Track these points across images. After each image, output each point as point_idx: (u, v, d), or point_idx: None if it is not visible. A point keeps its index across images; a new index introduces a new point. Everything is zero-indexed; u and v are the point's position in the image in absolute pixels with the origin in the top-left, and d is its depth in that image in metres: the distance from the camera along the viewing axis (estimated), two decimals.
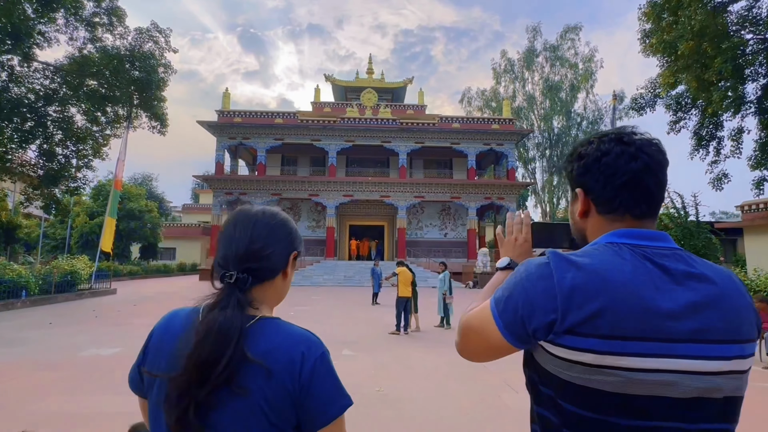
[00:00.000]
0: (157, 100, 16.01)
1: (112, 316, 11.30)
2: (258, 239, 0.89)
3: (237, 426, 0.77)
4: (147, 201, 31.51)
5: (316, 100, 33.66)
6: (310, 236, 29.54)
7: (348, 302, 15.22)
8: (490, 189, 27.89)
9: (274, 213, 0.96)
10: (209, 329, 0.78)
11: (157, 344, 0.86)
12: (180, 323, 0.86)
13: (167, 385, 0.78)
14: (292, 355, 0.82)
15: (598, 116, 40.23)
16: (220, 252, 0.90)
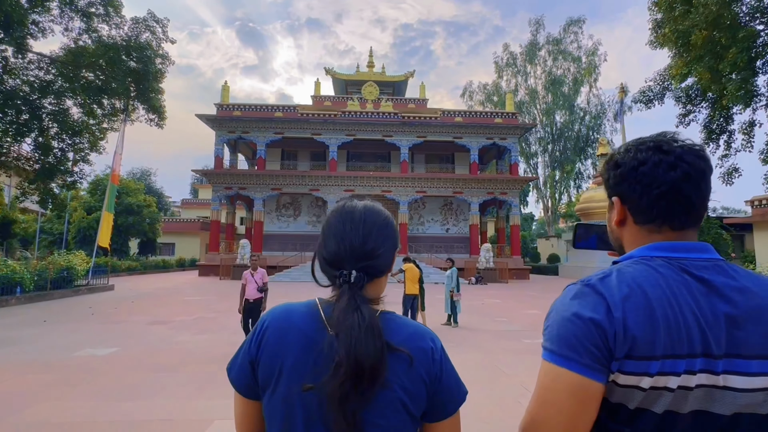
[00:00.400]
0: (154, 91, 15.61)
1: (109, 313, 10.97)
2: (371, 238, 0.88)
3: (380, 419, 0.77)
4: (145, 196, 31.13)
5: (317, 93, 33.25)
6: (311, 232, 29.21)
7: None
8: (492, 184, 27.55)
9: (380, 210, 0.94)
10: (363, 332, 0.77)
11: (277, 340, 0.83)
12: (302, 319, 0.84)
13: (325, 386, 0.75)
14: (423, 346, 0.83)
15: (601, 110, 39.84)
16: (329, 249, 0.88)
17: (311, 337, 0.81)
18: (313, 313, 0.85)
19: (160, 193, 49.50)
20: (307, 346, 0.81)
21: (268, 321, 0.86)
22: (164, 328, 8.88)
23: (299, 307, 0.87)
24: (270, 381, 0.81)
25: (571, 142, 39.26)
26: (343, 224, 0.88)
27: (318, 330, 0.81)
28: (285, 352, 0.81)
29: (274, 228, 29.17)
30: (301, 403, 0.78)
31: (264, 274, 6.87)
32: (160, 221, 31.35)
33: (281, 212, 29.58)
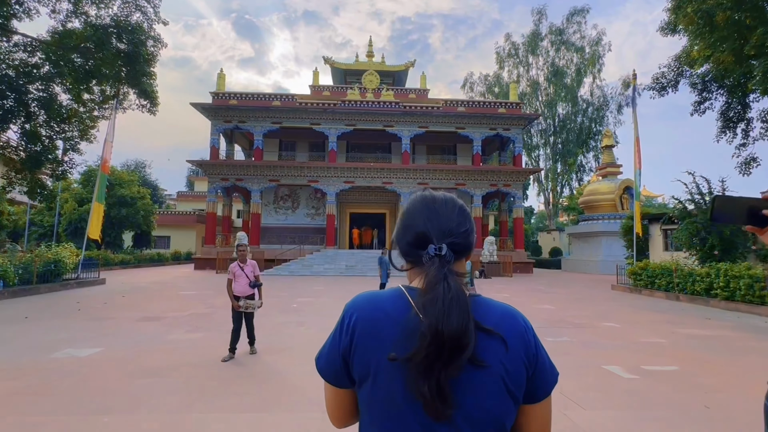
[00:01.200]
0: (145, 75, 14.78)
1: (98, 309, 10.26)
2: (456, 216, 0.91)
3: (482, 402, 0.77)
4: (139, 187, 30.28)
5: (315, 83, 32.40)
6: (309, 224, 28.53)
7: (353, 293, 14.24)
8: (496, 175, 26.89)
9: (457, 198, 0.98)
10: (448, 301, 0.76)
11: (370, 330, 0.83)
12: (392, 307, 0.84)
13: (413, 357, 0.75)
14: (518, 327, 0.84)
15: (604, 102, 39.16)
16: (416, 230, 0.89)
17: (404, 325, 0.80)
18: (401, 300, 0.84)
19: (155, 186, 48.45)
20: (401, 333, 0.79)
21: (355, 312, 0.86)
22: (155, 326, 8.20)
23: (385, 295, 0.87)
24: (368, 372, 0.80)
25: (574, 134, 38.62)
26: (428, 207, 0.91)
27: (410, 318, 0.79)
28: (380, 343, 0.81)
29: (272, 221, 28.44)
30: (402, 392, 0.77)
31: (255, 267, 5.93)
32: (154, 213, 30.55)
33: (279, 204, 28.84)
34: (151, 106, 16.06)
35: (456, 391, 0.75)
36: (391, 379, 0.78)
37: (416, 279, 0.88)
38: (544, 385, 0.84)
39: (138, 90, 15.15)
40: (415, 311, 0.80)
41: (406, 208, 0.95)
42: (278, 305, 11.12)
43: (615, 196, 27.38)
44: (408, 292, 0.85)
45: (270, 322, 8.63)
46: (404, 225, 0.92)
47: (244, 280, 5.79)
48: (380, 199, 28.98)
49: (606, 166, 29.26)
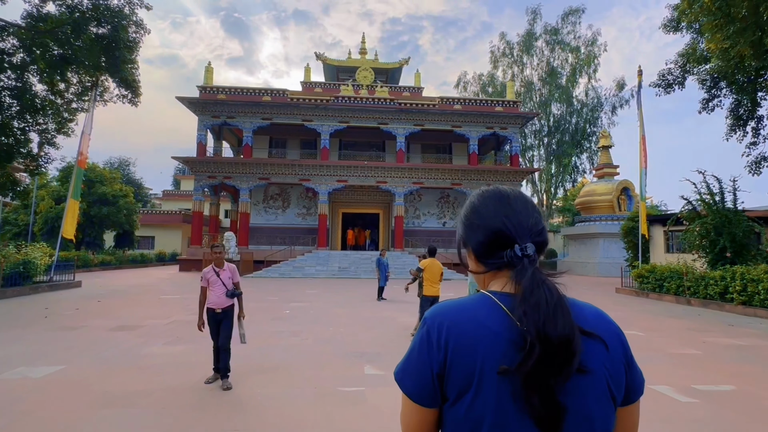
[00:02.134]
0: (126, 62, 13.71)
1: (67, 316, 9.23)
2: (537, 216, 0.87)
3: (589, 408, 0.74)
4: (122, 185, 28.96)
5: (306, 80, 31.45)
6: (300, 225, 27.56)
7: (349, 297, 13.39)
8: (493, 175, 26.25)
9: (525, 193, 0.94)
10: (552, 307, 0.73)
11: (466, 344, 0.76)
12: (486, 315, 0.78)
13: (521, 369, 0.70)
14: (613, 327, 0.82)
15: (598, 103, 38.88)
16: (492, 228, 0.84)
17: (504, 335, 0.75)
18: (494, 308, 0.78)
19: (139, 185, 46.98)
20: (503, 345, 0.74)
21: (444, 324, 0.78)
22: (130, 336, 7.24)
23: (472, 303, 0.80)
24: (467, 389, 0.74)
25: (569, 134, 38.24)
26: (503, 203, 0.87)
27: (510, 328, 0.75)
28: (480, 357, 0.74)
29: (261, 220, 27.40)
30: (512, 407, 0.72)
31: (234, 272, 4.79)
32: (137, 213, 29.24)
33: (269, 204, 27.81)
34: (133, 96, 14.98)
35: (564, 400, 0.71)
36: (496, 394, 0.72)
37: (497, 283, 0.84)
38: (639, 387, 0.83)
39: (118, 78, 14.05)
40: (513, 319, 0.75)
41: (473, 205, 0.90)
42: (269, 311, 10.21)
43: (613, 197, 26.96)
44: (498, 298, 0.79)
45: (260, 331, 7.73)
46: (475, 224, 0.87)
47: (220, 289, 4.63)
48: (374, 199, 28.15)
49: (603, 167, 28.85)
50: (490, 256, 0.84)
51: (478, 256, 0.87)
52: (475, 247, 0.86)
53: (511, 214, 0.84)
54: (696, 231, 13.82)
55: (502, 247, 0.82)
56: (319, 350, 6.46)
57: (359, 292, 14.78)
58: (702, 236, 13.73)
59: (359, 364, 5.73)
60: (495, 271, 0.84)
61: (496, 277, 0.84)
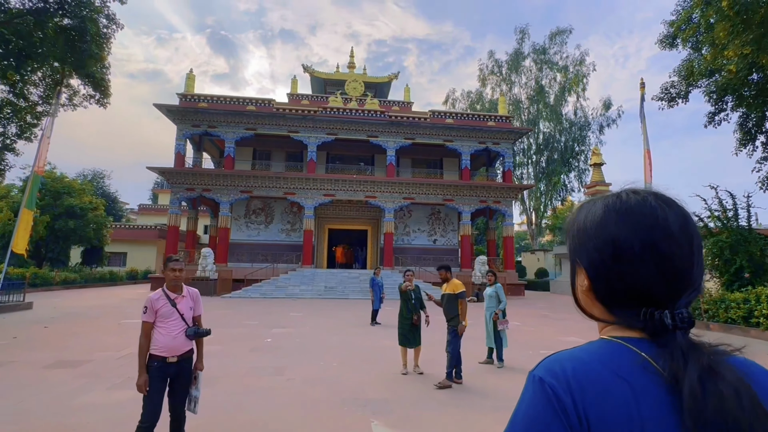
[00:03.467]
0: (92, 57, 12.32)
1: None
2: (700, 255, 0.64)
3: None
4: (92, 197, 27.00)
5: (293, 91, 30.45)
6: (284, 241, 26.01)
7: (339, 321, 11.96)
8: (486, 191, 25.37)
9: (686, 208, 0.67)
10: (747, 419, 0.53)
11: (613, 411, 0.56)
12: (630, 371, 0.58)
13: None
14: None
15: (585, 123, 38.90)
16: (639, 275, 0.62)
17: (662, 399, 0.56)
18: (639, 365, 0.59)
19: (114, 198, 44.62)
20: (662, 411, 0.56)
21: (575, 383, 0.57)
22: (68, 376, 5.72)
23: (603, 353, 0.61)
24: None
25: (558, 153, 38.01)
26: (655, 232, 0.62)
27: (667, 391, 0.56)
28: (634, 428, 0.55)
29: (243, 236, 25.77)
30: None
31: (197, 300, 3.27)
32: (107, 227, 27.22)
33: (251, 219, 26.24)
34: (102, 97, 13.55)
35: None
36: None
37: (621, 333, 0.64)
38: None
39: (84, 75, 12.62)
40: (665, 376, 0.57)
41: (602, 224, 0.65)
42: (247, 339, 8.73)
43: None
44: (637, 347, 0.60)
45: (235, 367, 6.30)
46: (610, 262, 0.63)
47: (177, 325, 3.06)
48: (362, 215, 26.89)
49: (595, 185, 28.29)
50: (621, 310, 0.63)
51: (604, 302, 0.65)
52: (599, 289, 0.64)
53: (668, 255, 0.60)
54: (708, 250, 12.99)
55: (643, 302, 0.61)
56: (310, 396, 5.08)
57: (350, 315, 13.35)
58: (715, 255, 12.89)
59: (363, 418, 4.38)
60: (625, 328, 0.64)
61: (624, 331, 0.64)
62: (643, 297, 0.61)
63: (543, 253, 37.16)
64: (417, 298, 6.33)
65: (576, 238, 0.69)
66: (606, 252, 0.63)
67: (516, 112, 39.88)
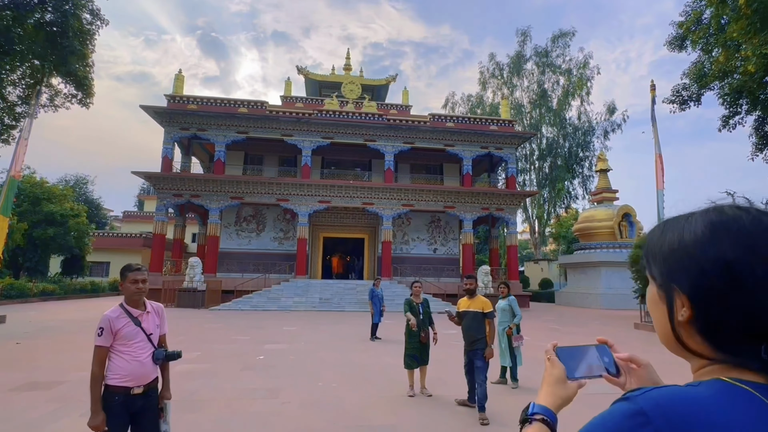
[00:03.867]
0: (76, 54, 12.01)
1: None
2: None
3: None
4: (74, 203, 26.52)
5: (287, 93, 30.29)
6: (276, 250, 25.62)
7: (336, 336, 11.58)
8: (489, 198, 25.15)
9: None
10: None
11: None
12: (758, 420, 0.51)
13: None
14: None
15: (589, 128, 38.96)
16: (746, 296, 0.55)
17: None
18: (760, 407, 0.52)
19: (98, 204, 44.01)
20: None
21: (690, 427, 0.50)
22: (39, 399, 5.32)
23: (729, 402, 0.53)
24: None
25: (562, 159, 37.98)
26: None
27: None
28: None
29: (233, 245, 25.35)
30: None
31: (162, 316, 2.87)
32: (89, 234, 26.70)
33: (242, 226, 25.84)
34: (84, 96, 13.22)
35: None
36: None
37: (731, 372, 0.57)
38: None
39: (65, 73, 12.30)
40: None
41: (721, 249, 0.56)
42: (238, 357, 8.34)
43: (614, 224, 26.17)
44: (760, 392, 0.53)
45: (226, 388, 5.92)
46: (723, 289, 0.56)
47: (142, 349, 2.64)
48: (358, 223, 26.58)
49: (601, 191, 28.24)
50: (736, 342, 0.56)
51: (709, 336, 0.58)
52: (705, 320, 0.57)
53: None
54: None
55: (763, 338, 0.54)
56: (309, 422, 4.71)
57: (347, 329, 12.96)
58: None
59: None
60: (733, 366, 0.57)
61: (734, 371, 0.57)
62: (764, 332, 0.54)
63: (547, 263, 36.94)
64: (425, 313, 6.00)
65: (670, 260, 0.61)
66: (717, 277, 0.56)
67: (518, 116, 39.91)
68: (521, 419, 0.79)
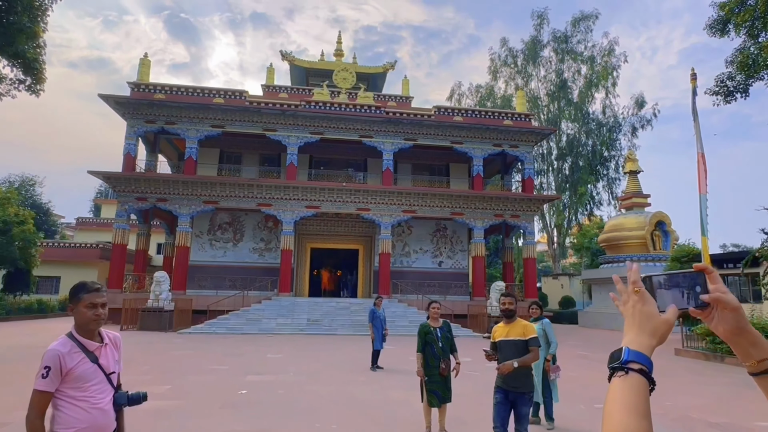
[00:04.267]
0: (25, 33, 11.74)
1: None
2: None
3: None
4: (19, 208, 26.04)
5: (269, 82, 30.12)
6: (256, 263, 25.29)
7: (331, 366, 11.27)
8: (502, 203, 25.04)
9: None
10: None
11: None
12: None
13: None
14: None
15: (615, 123, 39.10)
16: None
17: None
18: None
19: (46, 210, 43.40)
20: None
21: None
22: None
23: None
24: None
25: (584, 159, 38.04)
26: None
27: None
28: None
29: (206, 257, 24.97)
30: None
31: (120, 346, 2.59)
32: (36, 245, 26.20)
33: (216, 235, 25.49)
34: (34, 82, 12.93)
35: None
36: None
37: None
38: None
39: (12, 54, 12.00)
40: None
41: None
42: (216, 390, 8.02)
43: (646, 233, 26.13)
44: None
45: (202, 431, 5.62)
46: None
47: (102, 392, 2.36)
48: (351, 231, 26.33)
49: (631, 196, 28.23)
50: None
51: None
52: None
53: None
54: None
55: None
56: None
57: (342, 357, 12.67)
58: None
59: None
60: None
61: None
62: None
63: (568, 278, 36.84)
64: (445, 339, 5.75)
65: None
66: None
67: (534, 110, 40.01)
68: (612, 366, 0.78)
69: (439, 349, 5.69)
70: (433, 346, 5.71)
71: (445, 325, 5.89)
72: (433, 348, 5.70)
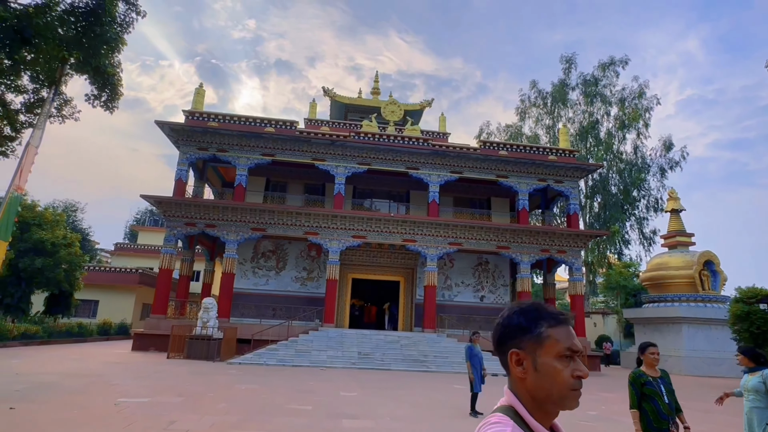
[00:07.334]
0: (110, 44, 10.88)
1: None
2: None
3: None
4: (66, 231, 25.02)
5: (312, 116, 29.58)
6: (298, 292, 23.85)
7: (422, 409, 9.64)
8: (549, 238, 23.53)
9: None
10: None
11: None
12: None
13: None
14: None
15: (644, 164, 37.78)
16: None
17: None
18: None
19: (86, 235, 42.58)
20: None
21: None
22: None
23: None
24: None
25: (616, 197, 36.61)
26: None
27: None
28: None
29: (248, 284, 23.58)
30: None
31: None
32: (81, 267, 25.03)
33: (259, 263, 24.17)
34: (110, 98, 11.99)
35: None
36: None
37: None
38: None
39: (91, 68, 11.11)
40: None
41: None
42: None
43: (694, 272, 24.35)
44: None
45: None
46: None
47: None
48: (394, 263, 24.86)
49: (675, 234, 26.60)
50: None
51: None
52: None
53: None
54: None
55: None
56: None
57: (422, 398, 11.02)
58: None
59: None
60: None
61: None
62: None
63: (602, 317, 34.74)
64: (670, 393, 4.27)
65: None
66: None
67: None
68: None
69: (665, 406, 4.20)
70: (656, 401, 4.23)
71: (665, 376, 4.43)
72: (656, 403, 4.21)
